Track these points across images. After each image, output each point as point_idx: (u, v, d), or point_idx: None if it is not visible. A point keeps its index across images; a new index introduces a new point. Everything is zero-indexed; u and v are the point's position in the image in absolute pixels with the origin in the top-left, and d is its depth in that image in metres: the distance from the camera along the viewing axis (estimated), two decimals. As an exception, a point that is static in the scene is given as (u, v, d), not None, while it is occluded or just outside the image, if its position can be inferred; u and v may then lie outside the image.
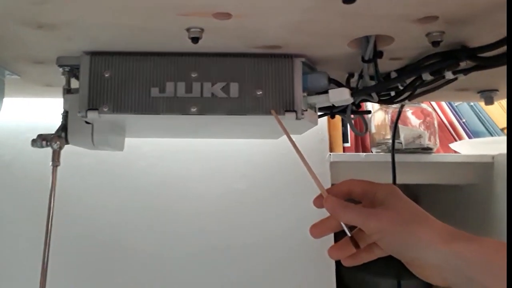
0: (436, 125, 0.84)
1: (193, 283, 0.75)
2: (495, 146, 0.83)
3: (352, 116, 0.59)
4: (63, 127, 0.48)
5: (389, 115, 0.84)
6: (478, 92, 0.63)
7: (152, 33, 0.38)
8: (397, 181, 0.74)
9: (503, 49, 0.38)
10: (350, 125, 0.53)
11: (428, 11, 0.34)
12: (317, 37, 0.40)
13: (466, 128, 0.96)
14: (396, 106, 0.82)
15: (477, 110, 0.97)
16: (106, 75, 0.43)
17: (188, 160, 0.77)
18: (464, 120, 0.97)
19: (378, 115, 0.87)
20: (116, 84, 0.43)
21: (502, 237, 0.80)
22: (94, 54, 0.43)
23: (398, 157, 0.76)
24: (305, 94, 0.44)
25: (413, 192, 1.08)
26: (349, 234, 0.41)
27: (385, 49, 0.43)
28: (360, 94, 0.46)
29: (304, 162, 0.41)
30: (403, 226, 0.38)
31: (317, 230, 0.42)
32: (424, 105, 0.86)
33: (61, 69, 0.47)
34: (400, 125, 0.81)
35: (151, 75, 0.43)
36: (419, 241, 0.37)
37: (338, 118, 0.88)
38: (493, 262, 0.34)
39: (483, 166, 0.83)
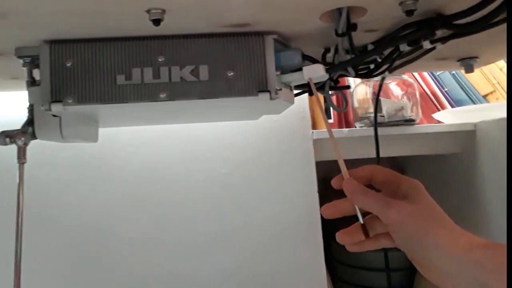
0: (418, 95, 0.83)
1: (181, 269, 0.75)
2: (477, 114, 0.83)
3: (331, 92, 0.58)
4: (30, 122, 0.45)
5: (371, 89, 0.83)
6: (458, 61, 0.62)
7: (110, 17, 0.36)
8: (381, 154, 0.74)
9: (478, 15, 0.37)
10: (328, 101, 0.51)
11: (399, -22, 0.32)
12: (286, 11, 0.38)
13: (448, 97, 0.96)
14: (377, 79, 0.81)
15: (459, 78, 0.96)
16: (68, 65, 0.40)
17: (168, 146, 0.76)
18: (446, 89, 0.96)
19: (360, 89, 0.86)
20: (79, 73, 0.40)
21: (484, 204, 0.81)
22: (53, 42, 0.41)
23: (381, 131, 0.75)
24: (279, 72, 0.42)
25: (399, 164, 1.08)
26: (361, 221, 0.40)
27: (358, 21, 0.41)
28: (336, 69, 0.44)
29: (332, 140, 0.40)
30: (423, 224, 0.36)
31: (329, 210, 0.42)
32: (406, 76, 0.85)
33: (21, 61, 0.44)
34: (382, 98, 0.80)
35: (116, 62, 0.40)
36: (437, 244, 0.36)
37: (320, 94, 0.86)
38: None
39: (466, 135, 0.83)
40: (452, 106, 0.94)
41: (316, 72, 0.41)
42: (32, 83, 0.45)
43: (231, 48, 0.41)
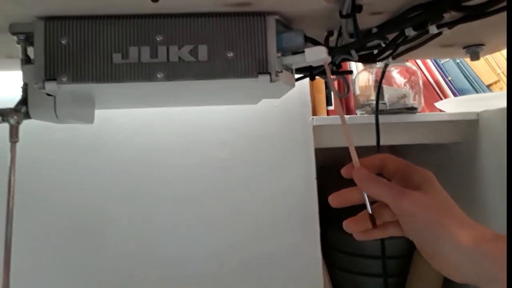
0: (421, 84, 0.82)
1: (176, 252, 0.74)
2: (480, 103, 0.81)
3: (333, 77, 0.57)
4: (24, 101, 0.44)
5: (373, 76, 0.82)
6: (464, 48, 0.60)
7: (107, -8, 0.34)
8: (382, 143, 0.73)
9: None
10: (330, 86, 0.50)
11: (407, -44, 0.31)
12: (289, -9, 0.36)
13: (452, 86, 0.94)
14: (380, 65, 0.80)
15: (463, 67, 0.95)
16: (63, 42, 0.39)
17: (165, 129, 0.75)
18: (449, 78, 0.95)
19: (362, 75, 0.84)
20: (74, 51, 0.39)
21: (484, 194, 0.80)
22: (48, 19, 0.40)
23: (383, 118, 0.74)
24: (280, 54, 0.41)
25: (400, 152, 1.07)
26: (369, 211, 0.40)
27: (364, 3, 0.40)
28: (339, 52, 0.43)
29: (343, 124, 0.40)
30: (437, 216, 0.36)
31: (337, 199, 0.41)
32: (409, 64, 0.83)
33: (15, 38, 0.43)
34: (384, 86, 0.79)
35: (112, 40, 0.39)
36: (449, 236, 0.35)
37: (322, 80, 0.85)
38: None
39: (468, 124, 0.82)
40: (455, 95, 0.93)
41: (318, 55, 0.40)
42: (26, 61, 0.44)
43: (232, 28, 0.39)
